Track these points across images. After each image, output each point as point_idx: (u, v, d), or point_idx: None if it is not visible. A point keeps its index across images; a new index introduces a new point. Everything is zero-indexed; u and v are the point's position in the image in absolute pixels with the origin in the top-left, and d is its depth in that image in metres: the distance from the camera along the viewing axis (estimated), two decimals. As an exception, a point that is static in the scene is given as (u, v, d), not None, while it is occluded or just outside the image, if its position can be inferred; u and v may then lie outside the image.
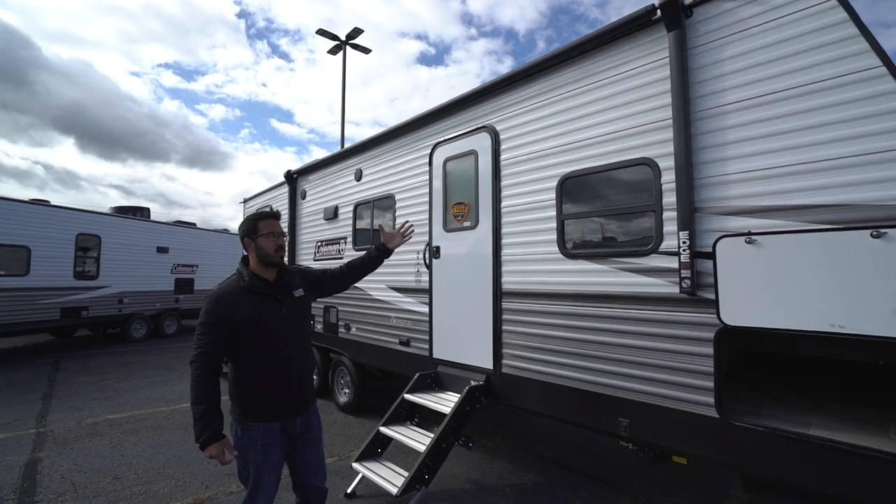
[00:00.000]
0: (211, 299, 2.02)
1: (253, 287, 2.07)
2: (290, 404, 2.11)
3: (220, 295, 2.03)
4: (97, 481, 3.50)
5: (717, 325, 2.31)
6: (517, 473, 3.72)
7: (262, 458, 2.03)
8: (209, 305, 2.00)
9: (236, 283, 2.10)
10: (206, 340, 1.95)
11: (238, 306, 2.01)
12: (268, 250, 2.12)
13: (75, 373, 7.40)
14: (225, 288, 2.09)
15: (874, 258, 1.86)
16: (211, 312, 1.98)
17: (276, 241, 2.14)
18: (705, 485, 3.52)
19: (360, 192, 5.24)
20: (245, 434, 2.03)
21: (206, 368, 1.93)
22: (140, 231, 11.02)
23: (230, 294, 2.04)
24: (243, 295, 2.05)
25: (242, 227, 2.19)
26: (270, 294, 2.11)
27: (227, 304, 2.00)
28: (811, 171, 2.07)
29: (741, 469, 2.29)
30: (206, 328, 1.97)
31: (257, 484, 2.05)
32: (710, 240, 2.36)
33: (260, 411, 2.04)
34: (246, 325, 2.00)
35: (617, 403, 2.72)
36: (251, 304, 2.04)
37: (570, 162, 3.04)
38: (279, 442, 2.09)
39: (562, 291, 3.03)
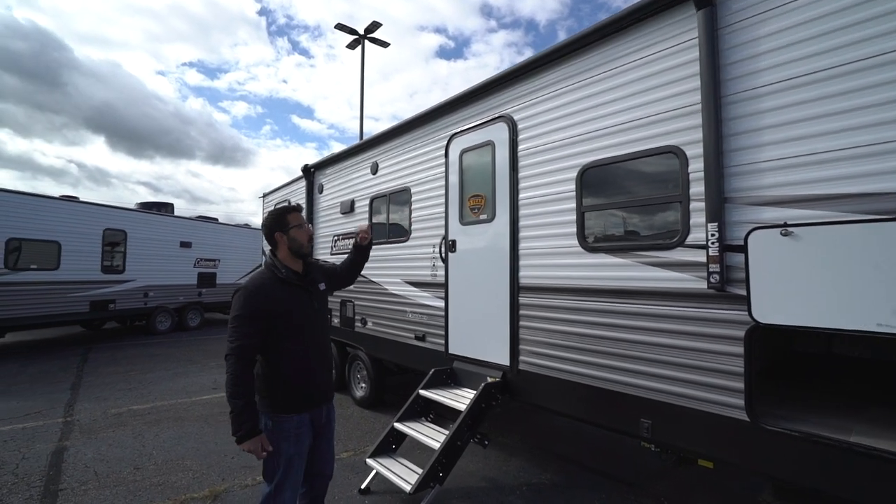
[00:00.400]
0: (247, 291, 1.99)
1: (289, 279, 2.08)
2: (319, 395, 2.16)
3: (255, 287, 2.01)
4: (118, 471, 3.57)
5: (749, 323, 2.17)
6: (534, 472, 3.63)
7: (293, 449, 2.04)
8: (245, 298, 1.97)
9: (269, 275, 2.08)
10: (243, 333, 1.92)
11: (275, 299, 2.01)
12: (301, 241, 2.14)
13: (103, 364, 7.62)
14: (258, 280, 2.06)
15: (928, 251, 1.70)
16: (247, 305, 1.95)
17: (308, 231, 2.17)
18: (731, 488, 3.36)
19: (376, 186, 5.20)
20: (277, 426, 2.02)
21: (244, 362, 1.92)
22: (164, 226, 11.27)
23: (265, 286, 2.03)
24: (279, 287, 2.06)
25: (270, 221, 2.17)
26: (303, 286, 2.13)
27: (263, 296, 1.99)
28: (859, 156, 1.90)
29: (773, 476, 2.16)
30: (243, 321, 1.94)
31: (286, 476, 2.03)
32: (741, 232, 2.21)
33: (293, 403, 2.05)
34: (283, 318, 2.00)
35: (639, 403, 2.60)
36: (287, 297, 2.05)
37: (590, 151, 2.92)
38: (308, 432, 2.12)
39: (581, 286, 2.92)
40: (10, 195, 8.41)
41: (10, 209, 8.28)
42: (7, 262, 8.15)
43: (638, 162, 2.69)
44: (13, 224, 8.29)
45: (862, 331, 1.84)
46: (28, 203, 8.65)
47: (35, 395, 5.66)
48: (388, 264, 4.87)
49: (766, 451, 2.14)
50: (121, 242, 10.17)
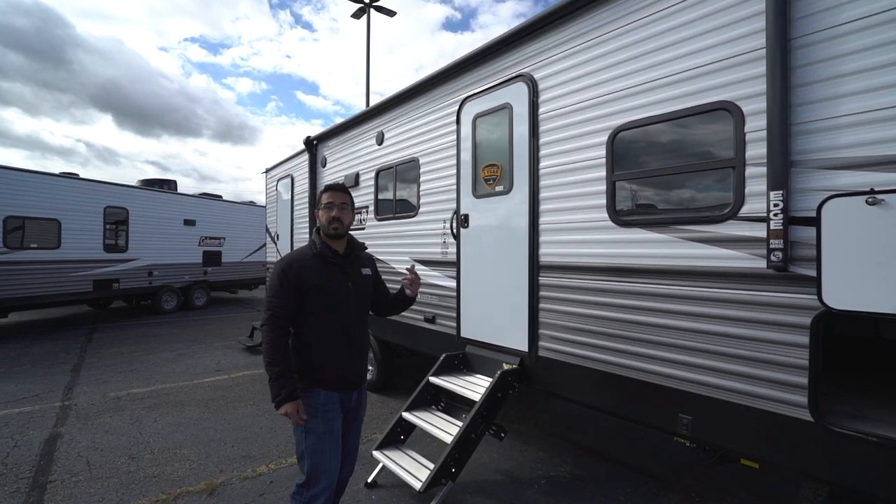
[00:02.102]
0: (283, 263, 2.04)
1: (323, 254, 2.08)
2: (348, 376, 2.13)
3: (292, 259, 2.06)
4: (113, 460, 3.38)
5: (817, 309, 1.85)
6: (552, 463, 3.39)
7: (323, 426, 2.02)
8: (281, 269, 2.02)
9: (308, 250, 2.12)
10: (278, 303, 1.98)
11: (309, 272, 2.03)
12: (322, 221, 2.12)
13: (107, 344, 7.50)
14: (295, 254, 2.11)
15: None
16: (283, 275, 2.00)
17: (329, 212, 2.10)
18: (767, 483, 3.10)
19: (382, 157, 4.85)
20: (304, 402, 2.00)
21: (279, 330, 1.96)
22: (167, 204, 11.02)
23: (302, 259, 2.06)
24: (314, 262, 2.07)
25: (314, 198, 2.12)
26: (339, 265, 2.12)
27: (298, 268, 2.02)
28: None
29: (840, 485, 1.86)
30: (278, 291, 2.00)
31: (318, 461, 2.01)
32: (810, 202, 1.87)
33: (321, 377, 2.04)
34: (315, 291, 2.01)
35: (678, 397, 2.31)
36: (321, 272, 2.06)
37: (624, 111, 2.54)
38: (338, 413, 2.09)
39: (611, 265, 2.59)
40: (7, 172, 8.17)
41: (7, 186, 8.06)
42: (6, 241, 7.98)
43: (681, 122, 2.32)
44: (11, 202, 8.08)
45: (970, 320, 1.51)
46: (26, 180, 8.41)
47: (35, 378, 5.52)
48: (395, 241, 4.56)
49: (833, 456, 1.84)
50: (122, 220, 9.96)
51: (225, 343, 7.63)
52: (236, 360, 6.48)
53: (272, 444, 3.70)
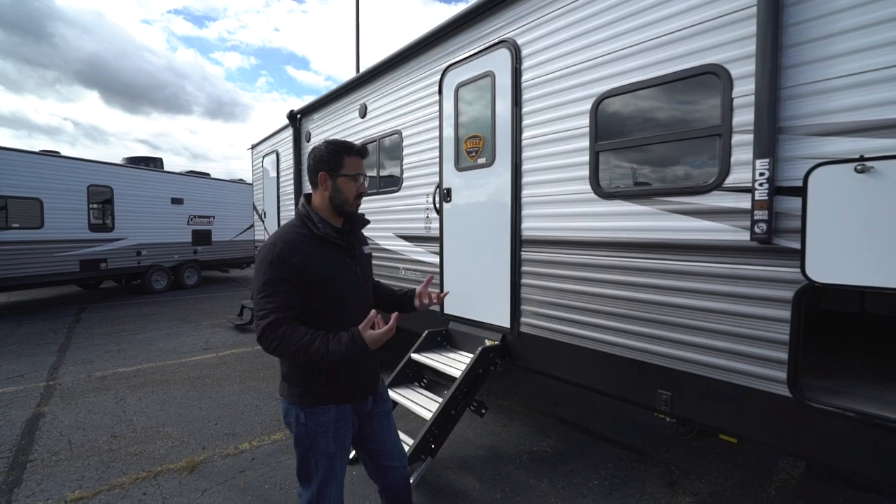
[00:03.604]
0: (274, 248, 1.52)
1: (327, 236, 1.61)
2: (363, 382, 1.74)
3: (286, 245, 1.54)
4: (94, 439, 3.36)
5: (800, 283, 1.78)
6: (535, 439, 3.39)
7: (334, 446, 1.65)
8: (275, 255, 1.51)
9: (303, 230, 1.61)
10: (280, 301, 1.48)
11: (312, 259, 1.56)
12: (347, 196, 1.64)
13: (95, 324, 7.44)
14: (288, 236, 1.58)
15: None
16: (279, 264, 1.50)
17: (356, 184, 1.66)
18: (747, 457, 3.12)
19: (366, 130, 4.69)
20: (311, 419, 1.61)
21: (286, 327, 1.47)
22: (152, 182, 10.79)
23: (298, 242, 1.57)
24: (315, 246, 1.59)
25: (321, 155, 1.63)
26: (344, 247, 1.68)
27: (298, 254, 1.54)
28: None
29: (818, 461, 1.84)
30: (276, 285, 1.49)
31: (328, 478, 1.65)
32: (797, 170, 1.78)
33: (331, 391, 1.64)
34: (321, 284, 1.57)
35: (657, 373, 2.27)
36: (325, 258, 1.60)
37: (608, 77, 2.42)
38: (351, 425, 1.72)
39: (593, 239, 2.51)
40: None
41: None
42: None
43: (667, 88, 2.20)
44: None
45: (955, 292, 1.45)
46: (5, 158, 8.18)
47: (21, 358, 5.48)
48: (378, 217, 4.46)
49: (811, 433, 1.81)
50: (107, 199, 9.76)
51: (215, 322, 7.59)
52: (225, 339, 6.44)
53: (256, 421, 3.69)
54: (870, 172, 1.58)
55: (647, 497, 2.68)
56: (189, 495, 2.67)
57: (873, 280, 1.61)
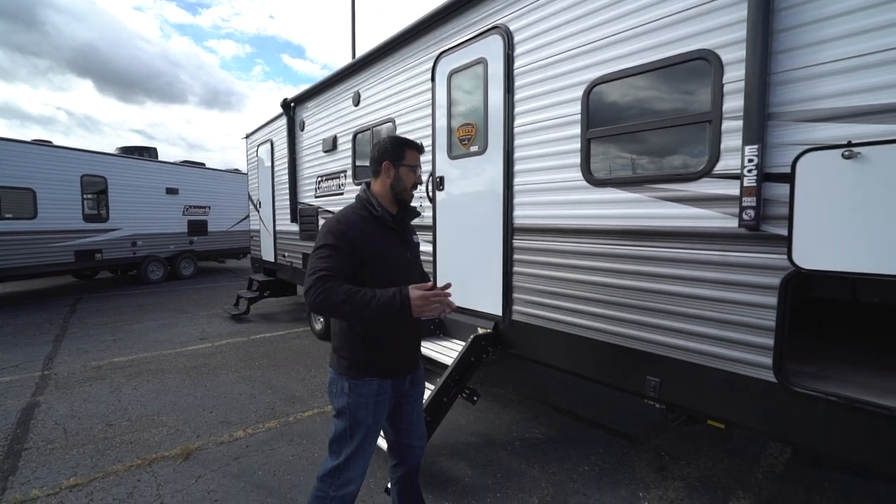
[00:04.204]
0: (338, 223, 1.68)
1: (384, 219, 1.75)
2: (404, 361, 1.85)
3: (347, 221, 1.69)
4: (90, 428, 3.38)
5: (786, 269, 1.79)
6: (528, 426, 3.43)
7: (372, 418, 1.76)
8: (338, 227, 1.65)
9: (363, 211, 1.76)
10: (331, 264, 1.59)
11: (369, 239, 1.69)
12: (406, 184, 1.81)
13: (91, 314, 7.44)
14: (351, 215, 1.73)
15: None
16: (340, 236, 1.63)
17: (415, 174, 1.84)
18: (735, 441, 3.16)
19: (359, 119, 4.66)
20: (354, 390, 1.73)
21: (333, 282, 1.54)
22: (147, 172, 10.71)
23: (358, 223, 1.71)
24: (373, 227, 1.73)
25: (385, 146, 1.82)
26: (398, 231, 1.82)
27: (358, 232, 1.67)
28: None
29: (802, 445, 1.86)
30: (333, 251, 1.61)
31: (360, 448, 1.75)
32: (786, 157, 1.78)
33: (375, 365, 1.75)
34: (374, 263, 1.69)
35: (646, 359, 2.29)
36: (381, 240, 1.74)
37: (600, 64, 2.40)
38: (389, 401, 1.83)
39: (585, 227, 2.51)
40: (-25, 139, 7.86)
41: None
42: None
43: (658, 74, 2.19)
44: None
45: (938, 277, 1.46)
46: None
47: (16, 348, 5.48)
48: (372, 207, 4.44)
49: (796, 417, 1.83)
50: (101, 189, 9.69)
51: (211, 312, 7.60)
52: (221, 329, 6.46)
53: (250, 409, 3.71)
54: (857, 158, 1.57)
55: (636, 482, 2.72)
56: (183, 482, 2.69)
57: (859, 266, 1.62)
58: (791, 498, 2.55)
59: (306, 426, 3.40)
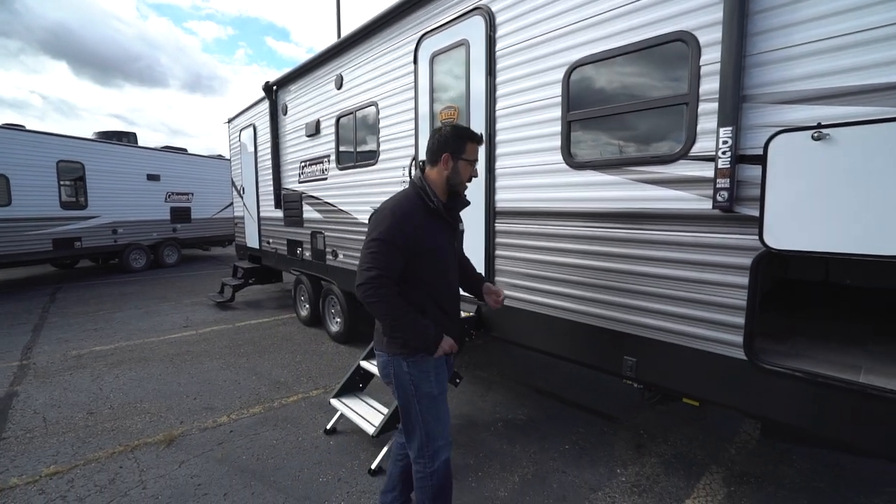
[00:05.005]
0: (394, 215, 1.69)
1: (439, 211, 1.78)
2: (454, 337, 1.92)
3: (404, 212, 1.72)
4: (70, 416, 3.35)
5: (758, 250, 1.83)
6: (511, 407, 3.49)
7: (436, 389, 1.85)
8: (395, 222, 1.68)
9: (419, 201, 1.77)
10: (387, 262, 1.65)
11: (425, 230, 1.74)
12: (462, 178, 1.84)
13: (71, 303, 7.31)
14: (407, 206, 1.75)
15: None
16: (397, 231, 1.67)
17: (471, 169, 1.86)
18: (711, 419, 3.25)
19: (342, 102, 4.59)
20: (414, 367, 1.80)
21: (387, 290, 1.65)
22: (127, 158, 10.46)
23: (415, 214, 1.74)
24: (428, 218, 1.76)
25: (446, 137, 1.81)
26: (450, 222, 1.88)
27: (412, 225, 1.70)
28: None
29: (770, 420, 1.93)
30: (388, 248, 1.66)
31: (435, 418, 1.83)
32: (759, 139, 1.80)
33: None
34: (428, 254, 1.76)
35: (623, 340, 2.33)
36: (436, 231, 1.79)
37: (581, 45, 2.38)
38: (446, 371, 1.96)
39: (565, 210, 2.53)
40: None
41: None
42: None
43: (637, 56, 2.18)
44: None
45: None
46: (-35, 132, 7.83)
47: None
48: (356, 191, 4.41)
49: (765, 393, 1.89)
50: (78, 175, 9.44)
51: (195, 300, 7.52)
52: (205, 316, 6.40)
53: (235, 395, 3.71)
54: (825, 140, 1.60)
55: (614, 459, 2.79)
56: (166, 467, 2.69)
57: (826, 246, 1.66)
58: (761, 471, 2.65)
59: (291, 411, 3.42)
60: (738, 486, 2.52)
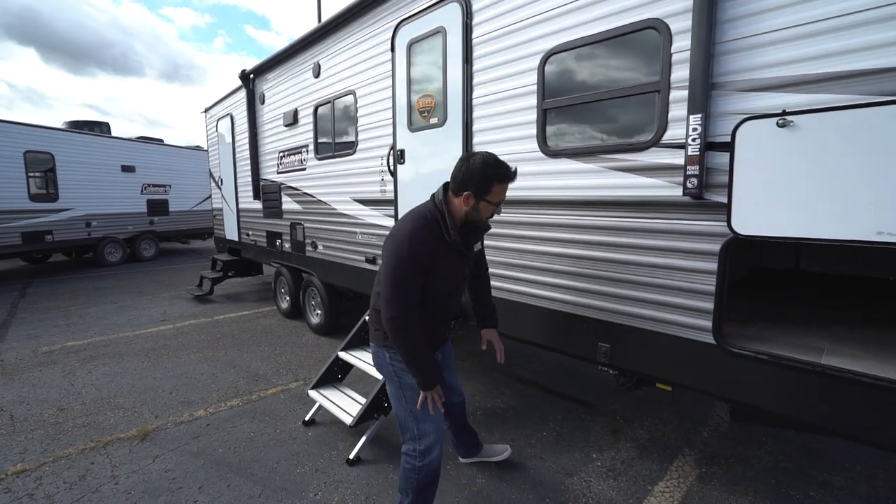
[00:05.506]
0: (413, 243, 1.75)
1: (455, 244, 1.84)
2: (442, 338, 2.12)
3: (422, 240, 1.77)
4: (39, 413, 3.26)
5: (726, 236, 1.86)
6: (490, 396, 3.51)
7: None
8: (414, 249, 1.74)
9: (435, 229, 1.81)
10: (410, 294, 1.75)
11: (436, 258, 1.80)
12: (483, 216, 1.85)
13: (43, 298, 7.10)
14: (423, 234, 1.78)
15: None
16: (415, 259, 1.74)
17: (494, 209, 1.85)
18: (686, 403, 3.33)
19: (320, 91, 4.51)
20: (397, 359, 1.90)
21: (414, 322, 1.76)
22: (99, 148, 10.13)
23: (429, 241, 1.78)
24: (441, 245, 1.82)
25: (472, 174, 1.77)
26: (463, 252, 1.93)
27: (427, 253, 1.76)
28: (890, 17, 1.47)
29: (738, 402, 1.97)
30: (406, 278, 1.74)
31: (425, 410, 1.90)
32: (729, 126, 1.81)
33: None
34: (437, 276, 1.82)
35: (597, 327, 2.36)
36: (446, 259, 1.84)
37: (556, 33, 2.37)
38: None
39: (540, 198, 2.54)
40: None
41: None
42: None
43: (611, 44, 2.18)
44: None
45: (858, 241, 1.54)
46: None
47: (-41, 334, 5.19)
48: (335, 181, 4.35)
49: (733, 376, 1.93)
50: (48, 167, 9.12)
51: (173, 294, 7.37)
52: (183, 310, 6.28)
53: (212, 388, 3.65)
54: (790, 127, 1.63)
55: (591, 444, 2.84)
56: (139, 462, 2.65)
57: (791, 231, 1.69)
58: (732, 452, 2.72)
59: (269, 403, 3.38)
60: (710, 467, 2.59)
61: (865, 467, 2.56)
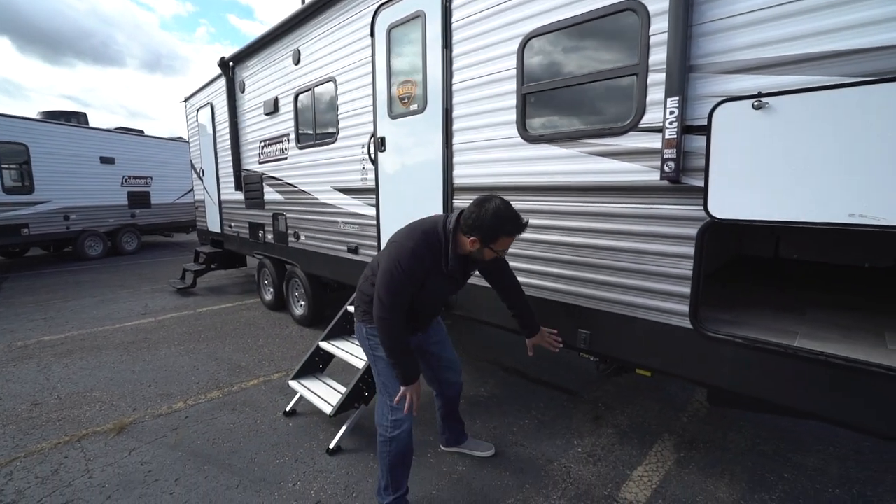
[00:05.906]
0: (416, 258, 1.86)
1: (451, 273, 1.95)
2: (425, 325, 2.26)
3: (422, 256, 1.87)
4: (11, 408, 3.18)
5: (703, 220, 1.85)
6: (473, 385, 3.51)
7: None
8: (415, 264, 1.85)
9: (436, 251, 1.90)
10: (403, 299, 1.88)
11: (430, 277, 1.92)
12: (486, 258, 1.96)
13: (19, 293, 6.93)
14: (425, 250, 1.89)
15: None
16: (413, 274, 1.86)
17: (498, 254, 1.95)
18: (667, 391, 3.36)
19: (300, 79, 4.41)
20: (372, 332, 2.05)
21: (401, 319, 1.89)
22: (77, 139, 9.86)
23: (428, 261, 1.89)
24: (436, 269, 1.92)
25: (482, 222, 1.82)
26: (458, 279, 2.05)
27: (422, 270, 1.88)
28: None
29: (714, 386, 1.99)
30: (405, 287, 1.87)
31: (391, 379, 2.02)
32: (705, 109, 1.80)
33: None
34: (427, 291, 1.96)
35: (577, 313, 2.35)
36: (438, 280, 1.96)
37: (535, 15, 2.33)
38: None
39: (520, 184, 2.51)
40: None
41: None
42: None
43: (589, 26, 2.15)
44: None
45: (831, 223, 1.54)
46: None
47: (-70, 330, 5.04)
48: (317, 170, 4.28)
49: (708, 360, 1.94)
50: (22, 158, 8.85)
51: (155, 287, 7.25)
52: (165, 303, 6.18)
53: (192, 380, 3.60)
54: (765, 109, 1.61)
55: (572, 431, 2.85)
56: (114, 455, 2.60)
57: (767, 215, 1.69)
58: (710, 437, 2.76)
59: (250, 395, 3.34)
60: (688, 451, 2.62)
61: (837, 449, 2.61)
